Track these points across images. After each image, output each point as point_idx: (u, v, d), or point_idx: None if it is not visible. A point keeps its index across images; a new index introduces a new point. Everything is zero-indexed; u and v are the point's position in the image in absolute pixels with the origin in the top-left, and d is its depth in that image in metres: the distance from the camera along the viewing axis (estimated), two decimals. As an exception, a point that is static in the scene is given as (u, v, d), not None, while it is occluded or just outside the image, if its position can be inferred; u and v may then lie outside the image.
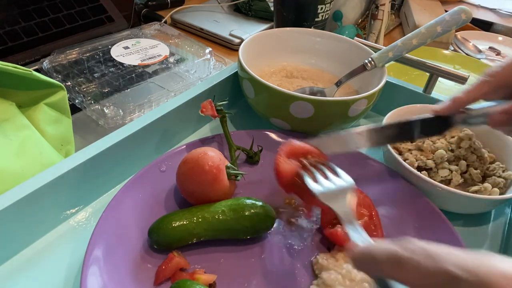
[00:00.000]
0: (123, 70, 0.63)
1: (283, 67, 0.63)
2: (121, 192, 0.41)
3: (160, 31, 0.74)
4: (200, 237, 0.39)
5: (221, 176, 0.40)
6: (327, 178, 0.37)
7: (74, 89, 0.56)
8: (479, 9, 1.05)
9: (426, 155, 0.50)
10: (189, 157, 0.41)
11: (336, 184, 0.36)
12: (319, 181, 0.37)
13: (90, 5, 0.74)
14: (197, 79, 0.63)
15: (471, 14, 0.49)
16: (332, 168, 0.38)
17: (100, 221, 0.38)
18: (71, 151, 0.48)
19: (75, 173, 0.41)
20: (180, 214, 0.39)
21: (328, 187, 0.36)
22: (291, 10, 0.68)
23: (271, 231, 0.42)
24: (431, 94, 0.58)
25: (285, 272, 0.39)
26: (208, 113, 0.47)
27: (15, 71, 0.41)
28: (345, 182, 0.37)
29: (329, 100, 0.48)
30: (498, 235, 0.46)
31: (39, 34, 0.67)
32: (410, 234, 0.42)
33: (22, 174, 0.40)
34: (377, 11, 0.83)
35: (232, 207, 0.39)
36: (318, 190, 0.36)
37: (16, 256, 0.39)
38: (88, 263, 0.35)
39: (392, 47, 0.53)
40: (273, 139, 0.51)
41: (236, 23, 0.88)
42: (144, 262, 0.38)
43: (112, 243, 0.37)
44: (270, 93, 0.49)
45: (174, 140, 0.53)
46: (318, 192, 0.36)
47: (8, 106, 0.43)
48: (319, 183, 0.37)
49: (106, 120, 0.54)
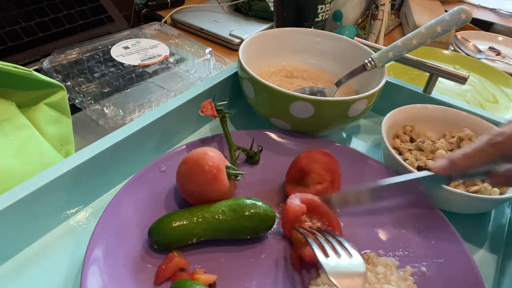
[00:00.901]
0: (123, 70, 0.63)
1: (283, 67, 0.63)
2: (121, 192, 0.41)
3: (160, 31, 0.74)
4: (200, 237, 0.39)
5: (221, 176, 0.40)
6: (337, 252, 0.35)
7: (74, 89, 0.56)
8: (479, 9, 1.05)
9: (426, 155, 0.50)
10: (189, 157, 0.41)
11: (347, 263, 0.34)
12: (329, 254, 0.35)
13: (90, 5, 0.74)
14: (197, 79, 0.63)
15: (471, 14, 0.49)
16: (342, 243, 0.37)
17: (100, 221, 0.38)
18: (71, 151, 0.48)
19: (75, 173, 0.41)
20: (180, 214, 0.39)
21: (339, 264, 0.34)
22: (291, 10, 0.68)
23: (271, 231, 0.42)
24: (431, 94, 0.58)
25: (285, 272, 0.39)
26: (208, 113, 0.47)
27: (15, 71, 0.41)
28: (356, 262, 0.34)
29: (329, 100, 0.48)
30: (498, 235, 0.46)
31: (39, 34, 0.67)
32: (410, 234, 0.43)
33: (22, 174, 0.40)
34: (377, 11, 0.83)
35: (232, 207, 0.39)
36: (329, 266, 0.34)
37: (16, 256, 0.39)
38: (88, 263, 0.34)
39: (392, 47, 0.53)
40: (273, 139, 0.51)
41: (236, 23, 0.88)
42: (144, 262, 0.38)
43: (112, 243, 0.37)
44: (270, 93, 0.49)
45: (174, 140, 0.53)
46: (329, 268, 0.33)
47: (8, 106, 0.43)
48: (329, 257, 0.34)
49: (106, 120, 0.54)
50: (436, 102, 0.57)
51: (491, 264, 0.43)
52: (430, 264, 0.40)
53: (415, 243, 0.42)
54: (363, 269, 0.34)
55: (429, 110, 0.55)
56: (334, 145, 0.51)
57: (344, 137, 0.59)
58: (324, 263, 0.34)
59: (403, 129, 0.54)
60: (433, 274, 0.39)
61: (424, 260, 0.40)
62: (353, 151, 0.50)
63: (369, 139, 0.59)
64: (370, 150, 0.57)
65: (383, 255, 0.41)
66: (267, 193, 0.46)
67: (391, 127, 0.53)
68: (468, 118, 0.53)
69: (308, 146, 0.50)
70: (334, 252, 0.35)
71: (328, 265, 0.34)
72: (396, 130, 0.54)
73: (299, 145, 0.51)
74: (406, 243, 0.42)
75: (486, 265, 0.43)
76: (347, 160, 0.49)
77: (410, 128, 0.54)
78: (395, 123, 0.53)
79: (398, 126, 0.54)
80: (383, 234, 0.43)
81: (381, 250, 0.41)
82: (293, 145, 0.51)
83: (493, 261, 0.43)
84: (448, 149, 0.50)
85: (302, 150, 0.50)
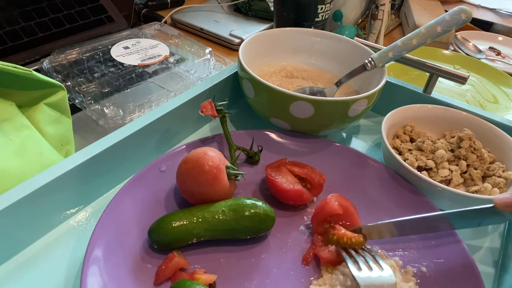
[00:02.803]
0: (123, 70, 0.63)
1: (283, 67, 0.63)
2: (121, 192, 0.41)
3: (160, 31, 0.74)
4: (200, 237, 0.39)
5: (221, 176, 0.40)
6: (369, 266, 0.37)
7: (74, 89, 0.56)
8: (479, 9, 1.05)
9: (426, 155, 0.50)
10: (189, 157, 0.41)
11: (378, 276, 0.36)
12: (362, 268, 0.37)
13: (90, 5, 0.74)
14: (197, 79, 0.63)
15: (471, 14, 0.49)
16: (373, 256, 0.39)
17: (100, 221, 0.38)
18: (71, 151, 0.48)
19: (75, 173, 0.41)
20: (180, 214, 0.39)
21: (371, 277, 0.36)
22: (291, 10, 0.68)
23: (271, 231, 0.42)
24: (431, 94, 0.58)
25: (285, 272, 0.39)
26: (208, 113, 0.47)
27: (15, 71, 0.41)
28: (387, 274, 0.36)
29: (329, 100, 0.48)
30: (498, 235, 0.46)
31: (39, 34, 0.67)
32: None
33: (22, 174, 0.40)
34: (377, 11, 0.83)
35: (232, 207, 0.39)
36: (362, 279, 0.36)
37: (16, 256, 0.39)
38: (88, 263, 0.35)
39: (392, 47, 0.53)
40: (273, 139, 0.51)
41: (236, 23, 0.88)
42: (144, 262, 0.38)
43: (112, 243, 0.37)
44: (270, 93, 0.49)
45: (174, 140, 0.53)
46: (361, 281, 0.35)
47: (8, 106, 0.43)
48: (361, 271, 0.37)
49: (106, 120, 0.54)
50: (436, 102, 0.57)
51: (491, 264, 0.43)
52: (430, 264, 0.40)
53: (415, 243, 0.42)
54: (393, 280, 0.36)
55: (429, 110, 0.55)
56: (334, 145, 0.51)
57: (344, 137, 0.59)
58: (356, 276, 0.36)
59: (403, 129, 0.54)
60: (433, 274, 0.39)
61: (423, 260, 0.40)
62: (353, 151, 0.50)
63: (369, 139, 0.59)
64: (370, 150, 0.57)
65: (383, 255, 0.41)
66: (267, 193, 0.46)
67: (391, 127, 0.53)
68: (468, 118, 0.53)
69: (308, 146, 0.50)
70: (366, 266, 0.37)
71: (360, 277, 0.36)
72: (396, 130, 0.54)
73: (299, 145, 0.51)
74: (406, 243, 0.42)
75: (486, 265, 0.43)
76: (347, 160, 0.49)
77: (410, 128, 0.54)
78: (395, 123, 0.53)
79: (398, 126, 0.54)
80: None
81: (381, 250, 0.41)
82: (293, 145, 0.51)
83: (493, 261, 0.43)
84: (448, 149, 0.50)
85: (302, 150, 0.50)
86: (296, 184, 0.45)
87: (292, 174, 0.46)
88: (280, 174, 0.45)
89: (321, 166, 0.47)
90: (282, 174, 0.45)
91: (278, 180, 0.44)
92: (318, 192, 0.45)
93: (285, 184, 0.44)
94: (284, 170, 0.46)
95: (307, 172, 0.46)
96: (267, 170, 0.45)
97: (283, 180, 0.44)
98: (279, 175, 0.45)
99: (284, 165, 0.47)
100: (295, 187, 0.44)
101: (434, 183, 0.43)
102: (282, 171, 0.46)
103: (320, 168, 0.46)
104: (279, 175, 0.45)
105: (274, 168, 0.46)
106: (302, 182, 0.46)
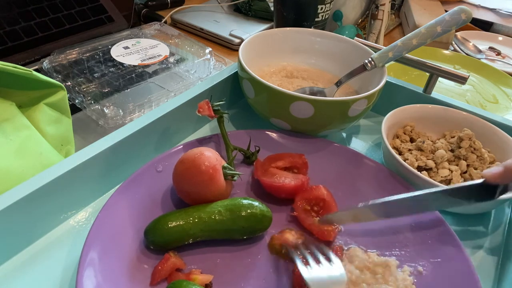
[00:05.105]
0: (123, 70, 0.63)
1: (283, 67, 0.63)
2: (117, 193, 0.41)
3: (160, 31, 0.74)
4: (196, 238, 0.39)
5: (218, 176, 0.40)
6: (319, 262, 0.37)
7: (74, 89, 0.56)
8: (479, 9, 1.05)
9: (426, 155, 0.50)
10: (186, 157, 0.41)
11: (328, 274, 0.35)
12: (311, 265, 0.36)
13: (90, 5, 0.74)
14: (197, 79, 0.64)
15: (471, 14, 0.49)
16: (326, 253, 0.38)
17: (95, 222, 0.38)
18: (71, 151, 0.48)
19: (75, 173, 0.41)
20: (176, 214, 0.39)
21: (319, 275, 0.35)
22: (291, 10, 0.68)
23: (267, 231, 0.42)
24: (431, 94, 0.58)
25: (281, 272, 0.39)
26: (205, 113, 0.47)
27: (15, 71, 0.41)
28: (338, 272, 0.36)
29: (329, 100, 0.48)
30: (498, 235, 0.46)
31: (39, 34, 0.67)
32: (406, 233, 0.42)
33: (22, 174, 0.40)
34: (377, 11, 0.83)
35: (229, 208, 0.39)
36: (309, 277, 0.35)
37: (16, 256, 0.39)
38: (83, 264, 0.34)
39: (392, 47, 0.53)
40: (273, 139, 0.51)
41: (236, 23, 0.88)
42: (140, 263, 0.38)
43: (108, 244, 0.37)
44: (270, 93, 0.49)
45: (174, 140, 0.53)
46: (309, 279, 0.35)
47: (8, 106, 0.43)
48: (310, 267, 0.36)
49: (106, 120, 0.54)
50: (436, 102, 0.57)
51: (491, 264, 0.43)
52: (427, 263, 0.40)
53: (412, 243, 0.42)
54: (344, 278, 0.35)
55: (429, 110, 0.55)
56: (333, 145, 0.50)
57: (344, 137, 0.59)
58: (306, 276, 0.35)
59: (403, 129, 0.54)
60: (430, 273, 0.39)
61: (420, 260, 0.40)
62: (352, 151, 0.50)
63: (369, 139, 0.59)
64: (370, 150, 0.57)
65: (380, 254, 0.41)
66: (264, 193, 0.46)
67: (391, 127, 0.53)
68: (468, 118, 0.53)
69: (308, 146, 0.50)
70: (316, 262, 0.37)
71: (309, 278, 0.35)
72: (396, 130, 0.54)
73: (299, 145, 0.51)
74: (403, 243, 0.42)
75: (486, 265, 0.43)
76: (346, 160, 0.49)
77: (410, 128, 0.54)
78: (395, 123, 0.53)
79: (398, 126, 0.54)
80: (380, 233, 0.43)
81: (377, 250, 0.41)
82: (293, 145, 0.51)
83: (493, 261, 0.43)
84: (448, 149, 0.50)
85: (301, 150, 0.50)
86: (291, 177, 0.46)
87: (279, 169, 0.47)
88: (272, 175, 0.46)
89: (320, 166, 0.47)
90: (274, 174, 0.46)
91: (276, 182, 0.45)
92: (306, 169, 0.47)
93: (286, 181, 0.45)
94: (272, 171, 0.47)
95: (289, 160, 0.47)
96: (260, 178, 0.46)
97: (280, 180, 0.45)
98: (272, 177, 0.46)
99: (268, 166, 0.47)
100: (295, 182, 0.45)
101: (434, 183, 0.43)
102: (271, 172, 0.46)
103: (319, 168, 0.46)
104: (273, 177, 0.46)
105: (264, 173, 0.46)
106: (289, 170, 0.47)
